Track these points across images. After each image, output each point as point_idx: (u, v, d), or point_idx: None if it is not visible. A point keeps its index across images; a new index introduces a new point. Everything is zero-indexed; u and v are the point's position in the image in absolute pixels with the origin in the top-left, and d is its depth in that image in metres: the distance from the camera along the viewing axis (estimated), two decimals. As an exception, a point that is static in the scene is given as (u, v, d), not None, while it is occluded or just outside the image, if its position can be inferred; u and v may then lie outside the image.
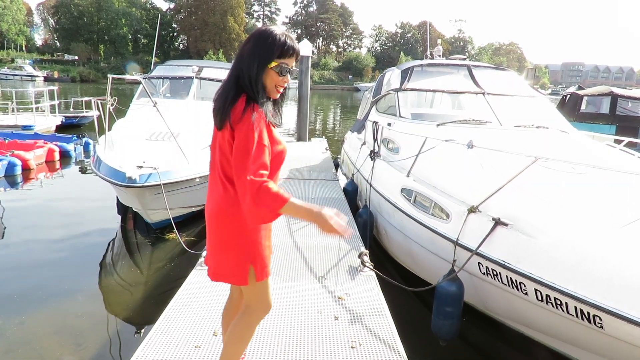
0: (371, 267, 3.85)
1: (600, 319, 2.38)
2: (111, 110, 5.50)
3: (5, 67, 57.22)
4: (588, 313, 2.44)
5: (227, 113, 1.75)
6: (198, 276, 3.62)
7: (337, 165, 9.23)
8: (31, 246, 5.49)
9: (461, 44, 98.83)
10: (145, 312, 4.12)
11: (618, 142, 4.78)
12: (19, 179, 8.64)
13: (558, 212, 2.85)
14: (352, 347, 2.72)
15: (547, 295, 2.64)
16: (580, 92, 13.78)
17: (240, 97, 1.76)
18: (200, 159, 5.83)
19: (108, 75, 5.28)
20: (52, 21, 78.82)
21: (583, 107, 13.28)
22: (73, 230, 6.09)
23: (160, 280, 4.78)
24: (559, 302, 2.59)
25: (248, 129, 1.70)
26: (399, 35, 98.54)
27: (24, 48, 74.46)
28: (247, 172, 1.65)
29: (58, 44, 78.44)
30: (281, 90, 1.87)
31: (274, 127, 1.86)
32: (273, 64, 1.78)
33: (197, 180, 5.74)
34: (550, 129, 5.08)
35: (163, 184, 5.13)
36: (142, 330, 3.72)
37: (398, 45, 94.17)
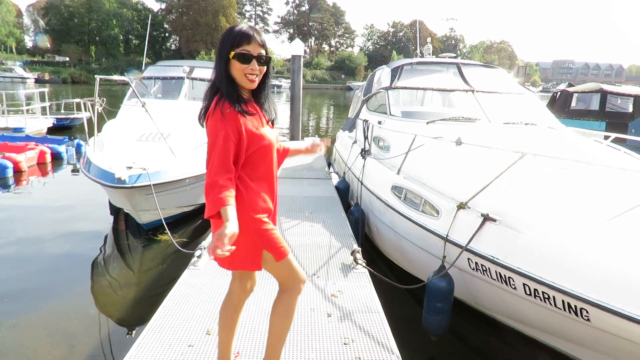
0: (364, 264, 3.87)
1: (587, 312, 2.43)
2: (100, 111, 5.48)
3: (-5, 69, 56.73)
4: (575, 306, 2.48)
5: (204, 110, 1.91)
6: (191, 276, 3.63)
7: (330, 164, 9.25)
8: (23, 248, 5.47)
9: (453, 42, 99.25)
10: (138, 312, 4.12)
11: (608, 138, 4.84)
12: (11, 181, 8.58)
13: (545, 207, 2.90)
14: (344, 344, 2.75)
15: (535, 290, 2.69)
16: (571, 90, 13.88)
17: (215, 97, 1.88)
18: (191, 159, 5.83)
19: (95, 76, 5.26)
20: (42, 22, 78.13)
21: (573, 104, 13.38)
22: (65, 232, 6.06)
23: (153, 281, 4.78)
24: (546, 296, 2.63)
25: (212, 128, 1.84)
26: (391, 34, 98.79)
27: (14, 50, 73.79)
28: (208, 170, 1.81)
29: (49, 45, 77.76)
30: (253, 78, 1.91)
31: (267, 123, 1.95)
32: (232, 53, 1.86)
33: (188, 180, 5.74)
34: (539, 126, 5.13)
35: (153, 185, 5.12)
36: (135, 331, 3.72)
37: (390, 44, 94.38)
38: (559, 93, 14.53)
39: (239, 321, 2.25)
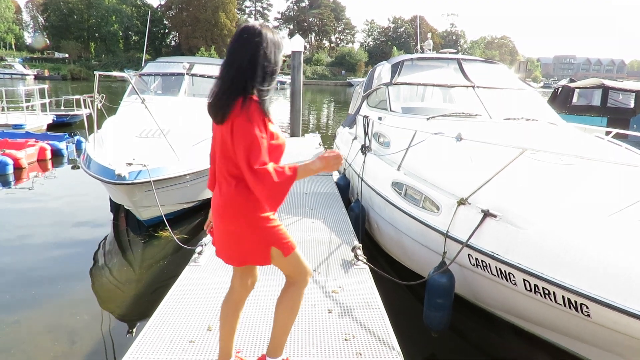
0: (364, 260, 3.87)
1: (587, 307, 2.43)
2: (100, 107, 5.47)
3: (-6, 66, 56.65)
4: (575, 302, 2.48)
5: (228, 108, 1.84)
6: (191, 272, 3.64)
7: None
8: (24, 245, 5.48)
9: (453, 38, 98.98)
10: (138, 308, 4.13)
11: (610, 134, 4.83)
12: (11, 178, 8.58)
13: (546, 203, 2.89)
14: (345, 340, 2.75)
15: (535, 285, 2.69)
16: (572, 85, 13.85)
17: (240, 93, 1.85)
18: (191, 155, 5.82)
19: (94, 72, 5.24)
20: (42, 19, 77.97)
21: (575, 99, 13.36)
22: (66, 229, 6.07)
23: (154, 277, 4.79)
24: (547, 292, 2.63)
25: (247, 127, 1.81)
26: (391, 29, 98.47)
27: (13, 46, 73.65)
28: (253, 163, 1.78)
29: (48, 41, 77.63)
30: None
31: (270, 122, 1.93)
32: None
33: (188, 177, 5.73)
34: (540, 122, 5.12)
35: (153, 181, 5.12)
36: (136, 327, 3.73)
37: (391, 40, 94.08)
38: (560, 89, 14.50)
39: (240, 318, 2.27)
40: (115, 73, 5.74)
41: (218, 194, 2.02)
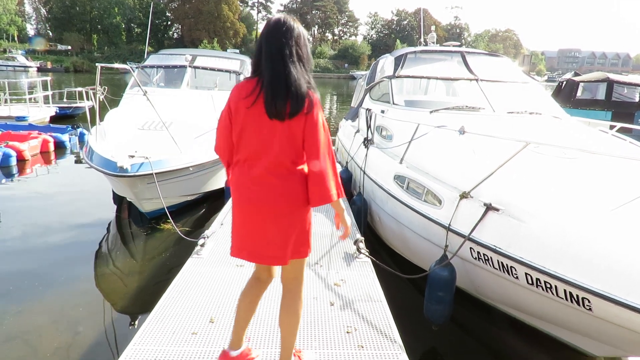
0: (366, 253, 3.88)
1: (589, 302, 2.43)
2: (102, 99, 5.47)
3: (-3, 58, 56.63)
4: (577, 296, 2.48)
5: (304, 104, 1.90)
6: (194, 264, 3.65)
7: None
8: (27, 237, 5.50)
9: (457, 31, 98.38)
10: (141, 300, 4.15)
11: (614, 128, 4.80)
12: (14, 170, 8.61)
13: (548, 196, 2.88)
14: (347, 332, 2.76)
15: (537, 279, 2.68)
16: (576, 79, 13.76)
17: (307, 88, 1.92)
18: (193, 148, 5.82)
19: (96, 64, 5.23)
20: (44, 11, 77.81)
21: (579, 93, 13.28)
22: (69, 221, 6.09)
23: (156, 269, 4.81)
24: (548, 286, 2.63)
25: (321, 120, 1.96)
26: (395, 22, 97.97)
27: (16, 38, 73.59)
28: (330, 152, 1.97)
29: (50, 33, 77.52)
30: None
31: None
32: None
33: (190, 169, 5.74)
34: (543, 115, 5.10)
35: (155, 173, 5.12)
36: (139, 319, 3.75)
37: (394, 33, 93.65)
38: (564, 82, 14.41)
39: (256, 308, 2.29)
40: (117, 65, 5.72)
41: (278, 183, 1.95)
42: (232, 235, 2.10)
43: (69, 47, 70.76)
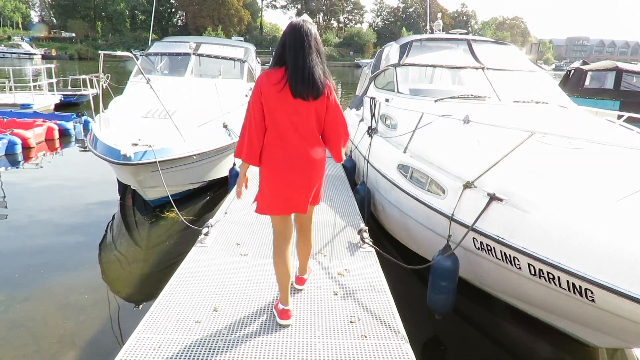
0: (370, 243, 3.87)
1: (592, 293, 2.42)
2: (105, 87, 5.45)
3: (2, 45, 56.57)
4: (580, 287, 2.47)
5: (324, 88, 2.45)
6: (198, 253, 3.66)
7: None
8: (33, 224, 5.55)
9: (464, 18, 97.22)
10: (145, 288, 4.19)
11: (621, 117, 4.74)
12: (20, 157, 8.66)
13: (553, 187, 2.86)
14: (351, 322, 2.76)
15: (540, 270, 2.67)
16: (585, 68, 13.61)
17: (326, 77, 2.49)
18: (197, 136, 5.82)
19: (99, 51, 5.20)
20: (48, -3, 77.55)
21: (587, 82, 13.13)
22: (74, 209, 6.13)
23: (160, 257, 4.84)
24: (551, 276, 2.62)
25: (336, 98, 2.59)
26: (400, 9, 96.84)
27: (20, 25, 73.43)
28: (344, 126, 2.65)
29: (55, 21, 77.27)
30: None
31: None
32: None
33: (194, 157, 5.74)
34: (550, 104, 5.04)
35: (159, 162, 5.12)
36: (143, 306, 3.79)
37: (400, 20, 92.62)
38: (572, 71, 14.26)
39: (290, 264, 2.71)
40: (120, 53, 5.70)
41: (301, 153, 2.48)
42: (263, 197, 2.60)
43: (73, 35, 70.54)
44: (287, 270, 2.67)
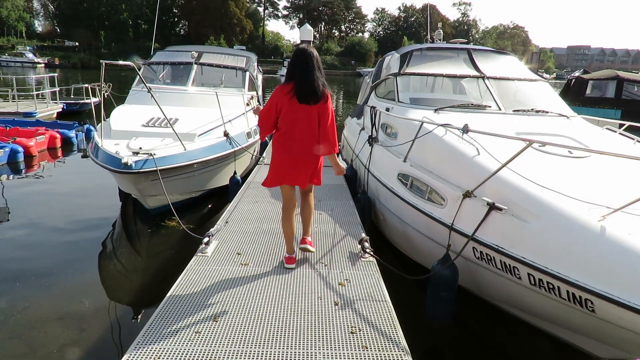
0: (371, 253, 3.86)
1: (592, 303, 2.41)
2: (106, 96, 5.48)
3: (6, 54, 56.98)
4: (580, 297, 2.46)
5: (323, 96, 3.32)
6: (199, 262, 3.66)
7: (339, 152, 9.17)
8: (34, 233, 5.56)
9: (465, 27, 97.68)
10: (146, 297, 4.19)
11: (622, 126, 4.75)
12: (22, 165, 8.69)
13: (552, 196, 2.86)
14: (351, 333, 2.75)
15: (539, 280, 2.67)
16: (586, 76, 13.66)
17: (324, 87, 3.35)
18: (198, 145, 5.84)
19: (101, 61, 5.23)
20: (52, 7, 78.15)
21: (588, 91, 13.17)
22: (75, 217, 6.14)
23: (161, 266, 4.84)
24: (551, 286, 2.61)
25: (330, 104, 3.42)
26: (402, 19, 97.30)
27: (24, 34, 74.00)
28: (333, 126, 3.47)
29: (58, 30, 77.85)
30: None
31: None
32: None
33: (195, 166, 5.75)
34: (550, 114, 5.06)
35: (159, 170, 5.14)
36: (142, 315, 3.79)
37: (401, 30, 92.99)
38: (573, 80, 14.31)
39: (294, 225, 3.68)
40: (121, 62, 5.73)
41: (304, 143, 3.37)
42: (272, 173, 3.51)
43: (77, 44, 71.02)
44: (292, 227, 3.62)
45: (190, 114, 6.64)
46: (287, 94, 3.26)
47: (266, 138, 9.29)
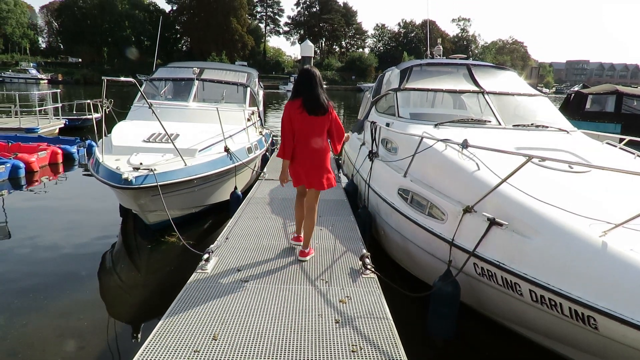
0: (373, 269, 3.82)
1: (595, 320, 2.38)
2: (108, 112, 5.52)
3: (10, 70, 57.58)
4: (582, 314, 2.43)
5: (326, 108, 3.76)
6: (198, 279, 3.63)
7: (339, 166, 9.21)
8: (34, 248, 5.54)
9: (464, 43, 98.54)
10: (145, 313, 4.15)
11: (622, 141, 4.76)
12: (23, 181, 8.70)
13: (553, 212, 2.85)
14: (352, 351, 2.70)
15: (541, 296, 2.64)
16: (585, 91, 13.70)
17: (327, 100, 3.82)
18: (198, 160, 5.85)
19: (102, 77, 5.27)
20: (56, 24, 79.16)
21: (588, 105, 13.19)
22: (75, 233, 6.13)
23: (160, 283, 4.81)
24: (553, 303, 2.58)
25: (335, 113, 3.91)
26: (402, 34, 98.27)
27: (27, 51, 74.84)
28: (342, 132, 3.98)
29: (62, 46, 78.74)
30: None
31: None
32: None
33: (195, 182, 5.75)
34: (550, 128, 5.07)
35: (160, 186, 5.14)
36: (142, 332, 3.75)
37: (401, 45, 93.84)
38: (572, 95, 14.36)
39: (303, 208, 4.16)
40: (123, 78, 5.77)
41: (315, 149, 3.81)
42: (292, 177, 4.03)
43: (80, 60, 71.77)
44: (302, 212, 4.17)
45: (191, 130, 6.67)
46: (297, 108, 3.73)
47: (267, 153, 9.32)
